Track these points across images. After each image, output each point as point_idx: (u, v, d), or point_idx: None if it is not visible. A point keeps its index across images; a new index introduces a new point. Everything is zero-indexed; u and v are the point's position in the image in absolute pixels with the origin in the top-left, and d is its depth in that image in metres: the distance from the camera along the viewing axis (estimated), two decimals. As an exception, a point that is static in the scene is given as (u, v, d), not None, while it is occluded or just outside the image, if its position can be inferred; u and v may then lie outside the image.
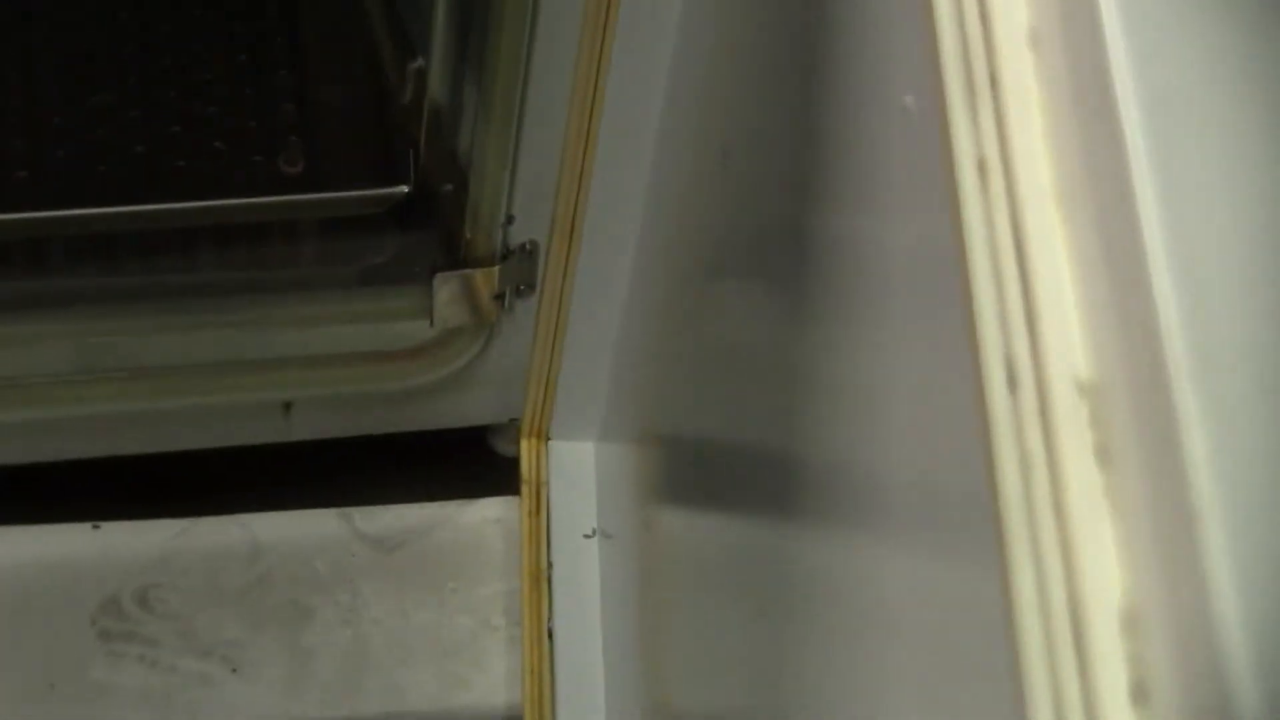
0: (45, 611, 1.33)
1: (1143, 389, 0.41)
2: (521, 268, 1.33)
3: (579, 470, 1.43)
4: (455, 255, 1.35)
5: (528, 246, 1.32)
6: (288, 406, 1.39)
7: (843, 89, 0.69)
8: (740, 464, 0.96)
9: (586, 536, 1.40)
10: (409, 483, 1.47)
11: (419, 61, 1.33)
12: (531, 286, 1.34)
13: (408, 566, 1.42)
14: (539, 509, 1.42)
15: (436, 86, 1.33)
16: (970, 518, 0.46)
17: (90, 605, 1.34)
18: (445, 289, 1.35)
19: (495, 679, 1.38)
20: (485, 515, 1.46)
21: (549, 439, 1.44)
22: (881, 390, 0.62)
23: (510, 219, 1.31)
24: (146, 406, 1.35)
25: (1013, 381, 0.45)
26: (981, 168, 0.49)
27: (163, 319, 1.33)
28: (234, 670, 1.33)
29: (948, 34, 0.51)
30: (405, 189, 1.32)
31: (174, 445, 1.38)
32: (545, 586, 1.38)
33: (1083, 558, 0.42)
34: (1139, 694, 0.40)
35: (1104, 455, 0.43)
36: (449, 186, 1.35)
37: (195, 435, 1.38)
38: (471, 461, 1.48)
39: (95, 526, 1.38)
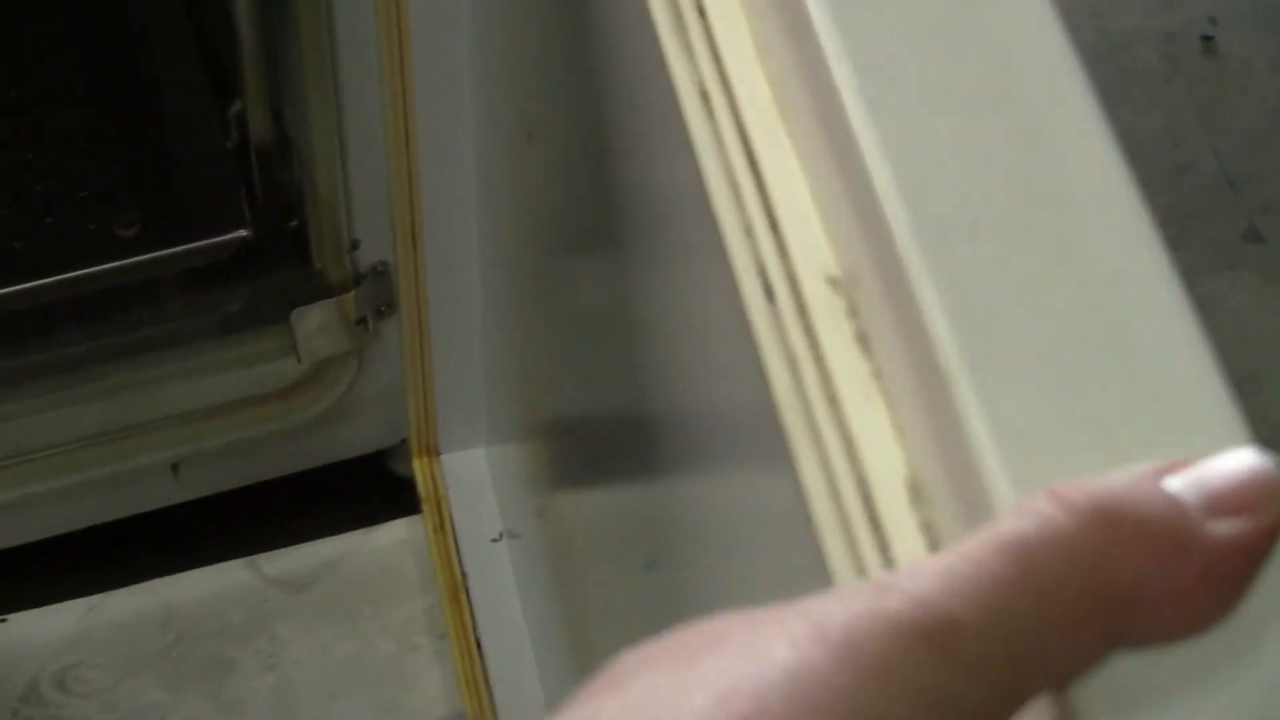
0: (-34, 715, 1.33)
1: (886, 274, 0.43)
2: (377, 289, 1.34)
3: (475, 478, 1.43)
4: (310, 288, 1.35)
5: (379, 267, 1.33)
6: (175, 467, 1.39)
7: (604, 40, 0.70)
8: (607, 430, 0.97)
9: (494, 540, 1.40)
10: (314, 520, 1.47)
11: (238, 105, 1.33)
12: (392, 306, 1.35)
13: (322, 602, 1.42)
14: (443, 523, 1.42)
15: (258, 126, 1.33)
16: (768, 430, 0.47)
17: (10, 699, 1.33)
18: (305, 323, 1.35)
19: (425, 698, 1.39)
20: (392, 538, 1.46)
21: (439, 453, 1.45)
22: (679, 328, 0.63)
23: (355, 244, 1.31)
24: (34, 490, 1.34)
25: (769, 290, 0.46)
26: (704, 95, 0.50)
27: (33, 400, 1.33)
28: (163, 735, 1.33)
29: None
30: (244, 233, 1.32)
31: (70, 525, 1.38)
32: (464, 597, 1.38)
33: (863, 440, 0.43)
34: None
35: (865, 342, 0.44)
36: (293, 222, 1.36)
37: (88, 511, 1.38)
38: (373, 488, 1.48)
39: (2, 619, 1.37)
